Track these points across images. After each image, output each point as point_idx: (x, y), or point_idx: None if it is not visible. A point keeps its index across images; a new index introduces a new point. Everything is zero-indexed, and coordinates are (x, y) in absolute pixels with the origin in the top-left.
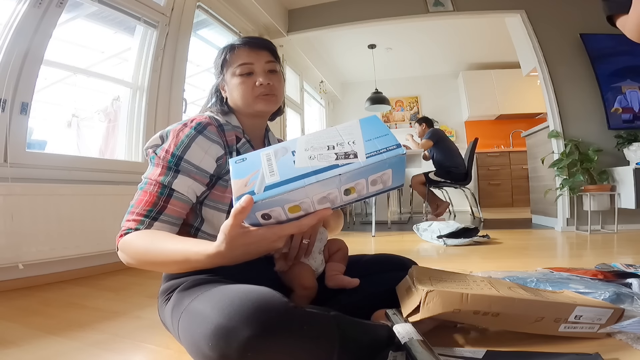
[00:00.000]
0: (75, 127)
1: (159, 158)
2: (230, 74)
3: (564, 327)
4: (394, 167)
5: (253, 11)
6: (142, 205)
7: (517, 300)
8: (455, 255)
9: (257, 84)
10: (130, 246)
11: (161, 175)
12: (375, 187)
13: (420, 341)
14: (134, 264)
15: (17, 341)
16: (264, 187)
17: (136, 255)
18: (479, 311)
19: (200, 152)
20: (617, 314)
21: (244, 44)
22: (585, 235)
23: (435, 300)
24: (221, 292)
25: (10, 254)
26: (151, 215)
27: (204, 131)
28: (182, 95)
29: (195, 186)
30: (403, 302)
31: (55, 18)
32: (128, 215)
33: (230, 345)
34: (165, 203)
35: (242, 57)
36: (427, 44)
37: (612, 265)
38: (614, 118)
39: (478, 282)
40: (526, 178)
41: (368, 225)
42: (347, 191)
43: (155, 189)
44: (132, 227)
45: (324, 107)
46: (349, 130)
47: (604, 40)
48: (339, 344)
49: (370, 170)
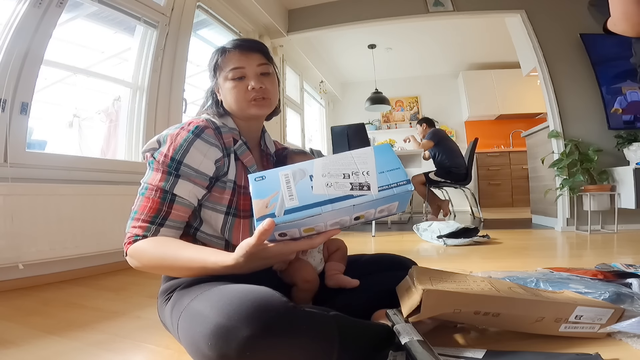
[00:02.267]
0: (77, 127)
1: (158, 163)
2: (223, 78)
3: (565, 327)
4: (400, 200)
5: (253, 11)
6: (146, 211)
7: (518, 300)
8: (455, 255)
9: (249, 88)
10: (143, 254)
11: (162, 180)
12: (381, 213)
13: (421, 341)
14: (144, 269)
15: (17, 341)
16: (284, 210)
17: (150, 263)
18: (480, 311)
19: (199, 156)
20: (618, 313)
21: (234, 47)
22: (585, 235)
23: (435, 300)
24: (220, 291)
25: (10, 254)
26: (156, 221)
27: (202, 134)
28: (182, 95)
29: (196, 190)
30: (403, 302)
31: (55, 18)
32: (133, 221)
33: (230, 345)
34: (168, 209)
35: (234, 61)
36: (427, 44)
37: (612, 265)
38: (614, 118)
39: (478, 282)
40: (526, 178)
41: (368, 225)
42: (357, 217)
43: (157, 194)
44: (139, 234)
45: (324, 107)
46: (363, 159)
47: (604, 40)
48: (339, 344)
49: (380, 202)
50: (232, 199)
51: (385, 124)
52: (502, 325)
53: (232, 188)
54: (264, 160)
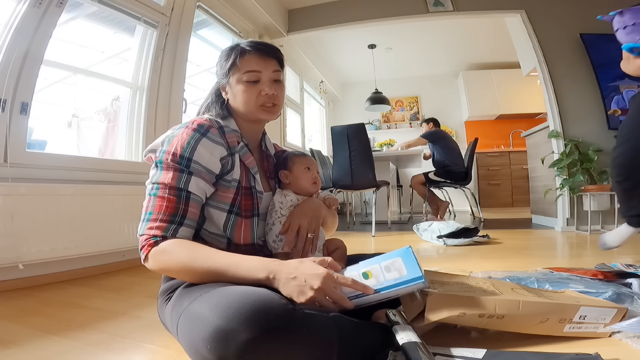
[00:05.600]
0: (76, 127)
1: (167, 162)
2: (237, 79)
3: (569, 327)
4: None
5: (253, 11)
6: (163, 210)
7: (523, 302)
8: (455, 255)
9: (262, 93)
10: (170, 256)
11: (174, 179)
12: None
13: (417, 343)
14: (165, 272)
15: (17, 341)
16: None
17: (176, 265)
18: (484, 314)
19: (207, 154)
20: (621, 313)
21: (254, 49)
22: (585, 235)
23: (440, 305)
24: (220, 294)
25: (10, 254)
26: (176, 220)
27: (208, 134)
28: (182, 95)
29: (206, 187)
30: (406, 307)
31: (55, 18)
32: (148, 222)
33: (229, 348)
34: (185, 206)
35: (252, 64)
36: (427, 44)
37: (612, 265)
38: (614, 118)
39: (481, 285)
40: (526, 178)
41: (368, 225)
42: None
43: (172, 193)
44: (158, 235)
45: (324, 107)
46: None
47: (604, 40)
48: (338, 346)
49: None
50: (236, 198)
51: (385, 124)
52: (506, 327)
53: (236, 187)
54: (265, 162)
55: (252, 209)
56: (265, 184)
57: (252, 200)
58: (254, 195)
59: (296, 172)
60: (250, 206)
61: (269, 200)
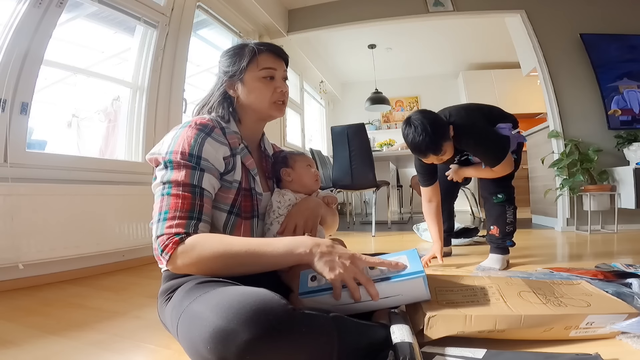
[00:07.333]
0: (76, 127)
1: (177, 161)
2: (252, 76)
3: (575, 332)
4: None
5: (253, 11)
6: (180, 207)
7: (525, 317)
8: (455, 255)
9: (277, 90)
10: (202, 249)
11: (187, 176)
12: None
13: (410, 344)
14: (195, 267)
15: (17, 341)
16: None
17: (213, 255)
18: (484, 330)
19: (212, 152)
20: (632, 318)
21: (269, 49)
22: (585, 235)
23: (438, 325)
24: (220, 294)
25: (10, 254)
26: (194, 216)
27: (212, 133)
28: (182, 95)
29: (215, 184)
30: (412, 319)
31: (55, 18)
32: (166, 222)
33: (229, 349)
34: (201, 202)
35: (268, 61)
36: (427, 44)
37: (612, 265)
38: (614, 118)
39: (486, 291)
40: (526, 178)
41: (368, 225)
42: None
43: (187, 189)
44: (181, 232)
45: (324, 107)
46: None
47: (604, 40)
48: (338, 346)
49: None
50: (236, 198)
51: (385, 124)
52: (510, 337)
53: (237, 188)
54: (263, 162)
55: (252, 210)
56: (264, 184)
57: (252, 201)
58: (253, 196)
59: (299, 170)
60: (250, 207)
61: (268, 200)
